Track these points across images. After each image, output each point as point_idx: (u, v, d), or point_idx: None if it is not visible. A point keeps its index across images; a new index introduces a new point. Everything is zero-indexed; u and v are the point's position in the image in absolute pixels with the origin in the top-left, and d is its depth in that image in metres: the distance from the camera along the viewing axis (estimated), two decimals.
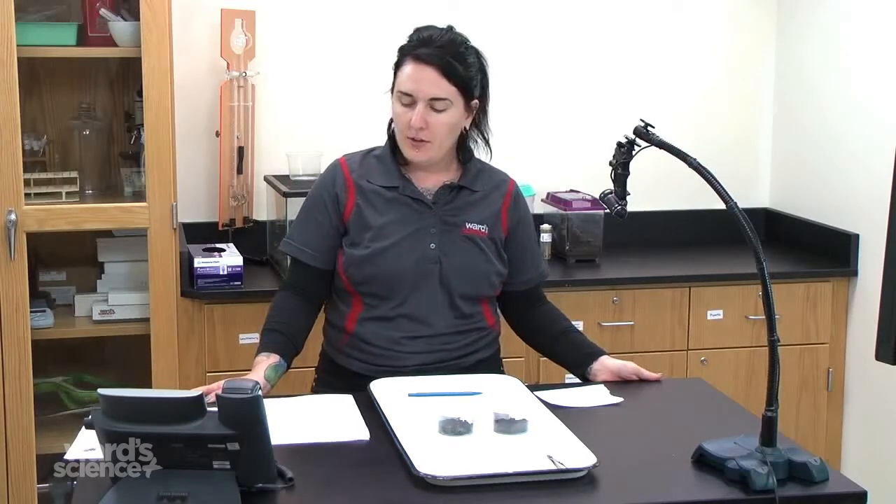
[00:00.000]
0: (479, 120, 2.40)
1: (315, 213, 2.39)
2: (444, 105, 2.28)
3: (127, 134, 3.41)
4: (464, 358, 2.37)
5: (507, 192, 2.44)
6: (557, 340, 2.47)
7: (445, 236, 2.34)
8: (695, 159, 1.94)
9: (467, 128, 2.38)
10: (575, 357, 2.43)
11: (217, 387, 2.04)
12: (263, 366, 2.25)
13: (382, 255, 2.31)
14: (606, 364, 2.37)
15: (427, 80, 2.27)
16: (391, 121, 2.39)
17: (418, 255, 2.32)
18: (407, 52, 2.31)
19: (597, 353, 2.40)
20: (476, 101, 2.35)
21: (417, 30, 2.35)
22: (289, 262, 3.19)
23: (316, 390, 2.44)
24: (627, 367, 2.36)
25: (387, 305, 2.33)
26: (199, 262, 3.16)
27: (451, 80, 2.28)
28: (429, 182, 2.38)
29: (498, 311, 2.49)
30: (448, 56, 2.28)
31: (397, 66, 2.33)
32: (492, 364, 2.44)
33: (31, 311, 3.01)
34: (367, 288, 2.33)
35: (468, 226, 2.36)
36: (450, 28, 2.34)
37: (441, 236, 2.34)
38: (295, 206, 3.17)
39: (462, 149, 2.40)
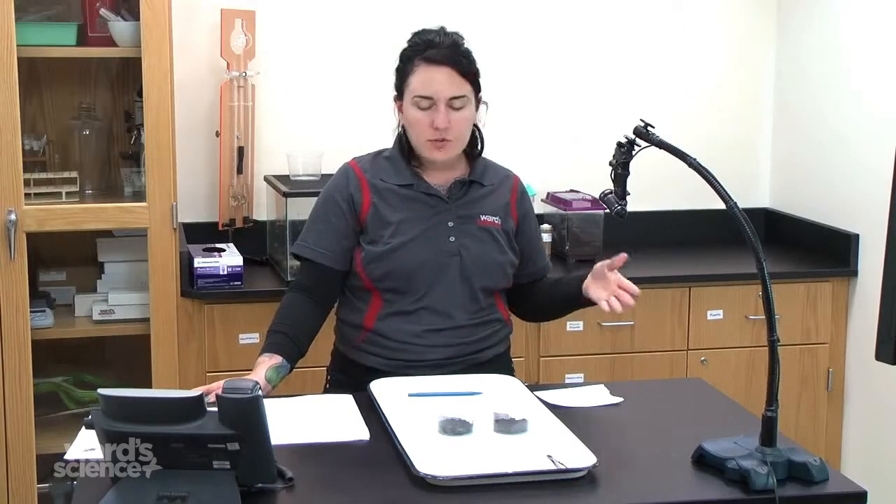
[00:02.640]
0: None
1: (329, 215, 2.39)
2: (463, 102, 2.32)
3: (127, 134, 3.41)
4: (481, 353, 2.39)
5: (514, 186, 2.49)
6: (551, 295, 2.50)
7: (462, 229, 2.37)
8: (695, 159, 1.95)
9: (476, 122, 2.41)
10: (567, 292, 2.43)
11: (217, 387, 2.04)
12: (265, 366, 2.25)
13: (403, 250, 2.33)
14: (588, 281, 2.35)
15: (444, 80, 2.30)
16: (402, 129, 2.39)
17: (437, 249, 2.34)
18: (414, 56, 2.33)
19: (580, 276, 2.38)
20: (481, 94, 2.39)
21: (416, 34, 2.38)
22: (290, 264, 3.22)
23: (329, 390, 2.44)
24: (596, 273, 2.33)
25: (407, 299, 2.34)
26: (199, 262, 3.16)
27: (465, 76, 2.33)
28: (440, 179, 2.40)
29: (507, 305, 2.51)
30: (457, 54, 2.32)
31: (405, 73, 2.34)
32: (504, 360, 2.47)
33: (31, 311, 3.01)
34: (387, 283, 2.34)
35: (483, 217, 2.39)
36: (443, 28, 2.37)
37: (458, 229, 2.36)
38: (295, 206, 3.20)
39: (471, 144, 2.43)
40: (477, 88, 2.37)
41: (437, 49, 2.31)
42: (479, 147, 2.44)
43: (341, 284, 2.42)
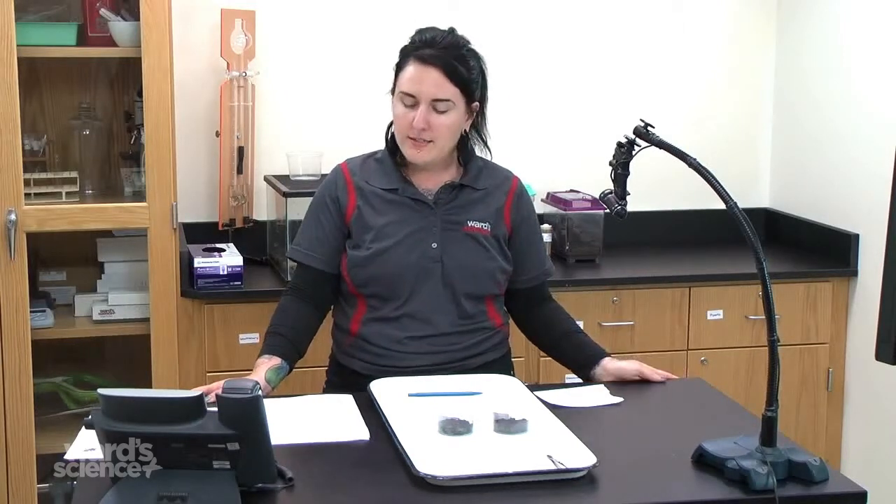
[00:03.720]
0: (477, 122, 2.41)
1: (319, 217, 2.39)
2: (447, 106, 2.29)
3: (127, 134, 3.41)
4: (470, 359, 2.37)
5: (511, 189, 2.45)
6: (560, 342, 2.48)
7: (447, 235, 2.34)
8: (694, 159, 1.95)
9: (467, 129, 2.39)
10: (577, 360, 2.44)
11: (217, 387, 2.04)
12: (264, 367, 2.25)
13: (384, 256, 2.31)
14: (608, 368, 2.37)
15: (430, 80, 2.28)
16: (390, 123, 2.39)
17: (420, 255, 2.32)
18: (409, 53, 2.31)
19: (598, 356, 2.40)
20: (476, 103, 2.36)
21: (420, 31, 2.35)
22: (290, 264, 3.21)
23: (326, 391, 2.44)
24: (628, 370, 2.36)
25: (390, 306, 2.33)
26: (199, 262, 3.16)
27: (454, 81, 2.29)
28: (429, 183, 2.38)
29: (505, 310, 2.49)
30: (450, 58, 2.29)
31: (399, 67, 2.34)
32: (502, 366, 2.43)
33: (31, 311, 3.01)
34: (370, 289, 2.34)
35: (470, 224, 2.36)
36: (451, 30, 2.35)
37: (442, 235, 2.34)
38: (295, 206, 3.20)
39: (462, 150, 2.40)
40: (469, 96, 2.32)
41: (432, 49, 2.29)
42: (469, 153, 2.41)
43: (336, 286, 2.41)
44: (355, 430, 2.00)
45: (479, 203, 2.39)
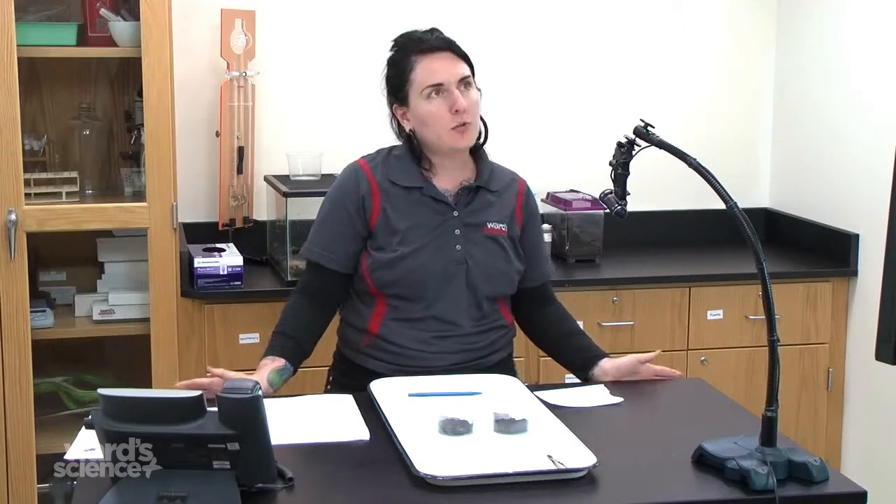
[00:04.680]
0: None
1: (337, 217, 2.37)
2: (471, 82, 2.33)
3: (127, 134, 3.41)
4: (486, 357, 2.38)
5: (519, 190, 2.47)
6: (560, 343, 2.49)
7: (469, 237, 2.35)
8: (695, 159, 1.95)
9: None
10: (576, 361, 2.44)
11: (205, 382, 2.10)
12: (267, 369, 2.25)
13: (410, 258, 2.31)
14: (605, 368, 2.38)
15: (448, 63, 2.31)
16: (411, 133, 2.37)
17: (445, 257, 2.33)
18: (408, 54, 2.32)
19: (596, 358, 2.40)
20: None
21: (400, 37, 2.38)
22: (290, 264, 3.22)
23: (331, 391, 2.43)
24: (623, 367, 2.36)
25: (414, 307, 2.33)
26: (199, 262, 3.16)
27: (463, 59, 2.34)
28: (448, 183, 2.38)
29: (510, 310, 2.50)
30: (449, 40, 2.34)
31: (404, 74, 2.33)
32: (507, 364, 2.46)
33: (31, 311, 3.01)
34: (394, 290, 2.33)
35: (489, 225, 2.38)
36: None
37: (465, 237, 2.35)
38: (295, 206, 3.20)
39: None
40: (474, 75, 2.36)
41: (429, 41, 2.32)
42: (482, 140, 2.42)
43: (347, 287, 2.41)
44: (355, 430, 2.00)
45: (496, 205, 2.40)
